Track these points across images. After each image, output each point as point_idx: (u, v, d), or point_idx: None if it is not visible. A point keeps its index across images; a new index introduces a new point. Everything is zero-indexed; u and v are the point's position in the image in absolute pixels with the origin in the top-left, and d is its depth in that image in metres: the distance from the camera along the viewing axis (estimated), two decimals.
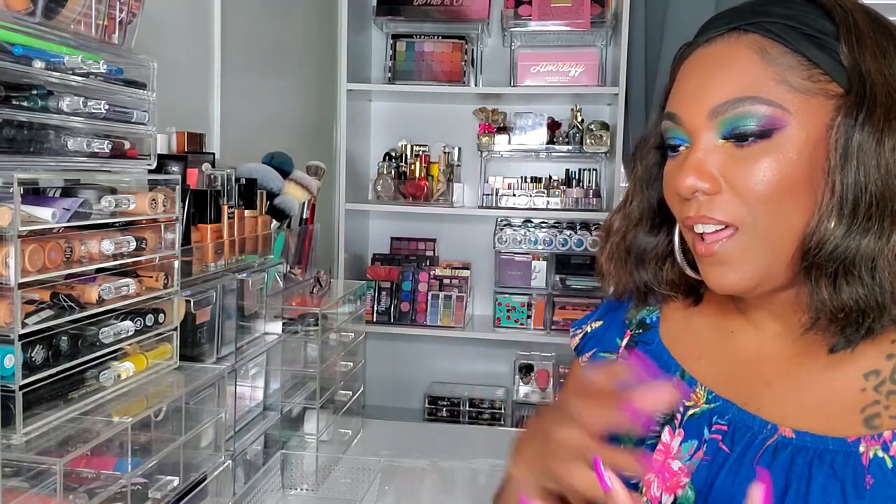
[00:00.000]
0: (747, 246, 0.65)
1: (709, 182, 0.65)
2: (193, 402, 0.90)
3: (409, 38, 2.71)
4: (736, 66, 0.65)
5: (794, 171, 0.63)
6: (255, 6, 1.92)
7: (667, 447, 0.74)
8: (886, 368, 0.65)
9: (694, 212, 0.67)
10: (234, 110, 1.73)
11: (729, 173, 0.65)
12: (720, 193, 0.65)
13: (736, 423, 0.70)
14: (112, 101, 0.79)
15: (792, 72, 0.63)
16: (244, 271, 1.17)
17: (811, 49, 0.64)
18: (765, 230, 0.64)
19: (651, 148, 0.77)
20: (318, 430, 1.38)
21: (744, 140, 0.64)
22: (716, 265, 0.67)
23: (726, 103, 0.64)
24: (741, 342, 0.74)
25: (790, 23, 0.65)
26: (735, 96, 0.64)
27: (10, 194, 0.64)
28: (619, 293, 0.83)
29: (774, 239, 0.65)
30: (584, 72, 2.64)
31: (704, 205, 0.66)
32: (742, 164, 0.64)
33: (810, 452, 0.64)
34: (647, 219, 0.78)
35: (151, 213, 0.82)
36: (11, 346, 0.66)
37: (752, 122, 0.63)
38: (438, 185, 2.73)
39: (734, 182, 0.64)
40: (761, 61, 0.64)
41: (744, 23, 0.66)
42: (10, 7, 0.68)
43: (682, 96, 0.68)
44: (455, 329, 2.69)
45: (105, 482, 0.74)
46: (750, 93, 0.64)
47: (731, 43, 0.66)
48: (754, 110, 0.63)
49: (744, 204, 0.64)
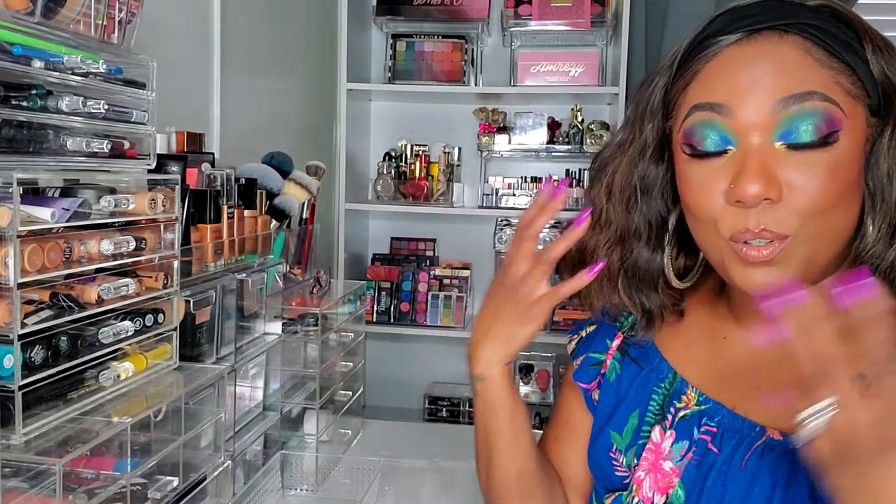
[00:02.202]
0: (793, 251, 0.63)
1: (776, 189, 0.61)
2: (193, 403, 0.90)
3: (409, 37, 2.71)
4: (791, 63, 0.62)
5: (847, 177, 0.62)
6: (255, 6, 1.92)
7: (657, 447, 0.74)
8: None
9: (754, 224, 0.62)
10: (234, 110, 1.73)
11: (790, 178, 0.61)
12: (780, 202, 0.62)
13: (725, 424, 0.70)
14: (111, 101, 0.79)
15: (841, 76, 0.62)
16: (244, 271, 1.17)
17: (851, 55, 0.63)
18: (811, 236, 0.63)
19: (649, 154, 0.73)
20: (317, 431, 1.38)
21: (804, 142, 0.61)
22: (759, 267, 0.63)
23: (794, 96, 0.61)
24: (732, 347, 0.75)
25: (827, 27, 0.63)
26: (805, 89, 0.61)
27: (10, 194, 0.64)
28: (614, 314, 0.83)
29: (819, 244, 0.64)
30: (584, 72, 2.64)
31: (764, 216, 0.62)
32: (802, 169, 0.61)
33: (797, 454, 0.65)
34: (645, 234, 0.75)
35: (151, 213, 0.82)
36: (11, 346, 0.66)
37: (817, 119, 0.61)
38: (438, 185, 2.73)
39: (795, 188, 0.61)
40: (812, 61, 0.62)
41: (783, 23, 0.63)
42: (10, 7, 0.68)
43: (733, 88, 0.63)
44: (455, 329, 2.69)
45: (105, 482, 0.73)
46: (816, 87, 0.61)
47: (775, 41, 0.63)
48: (821, 107, 0.61)
49: (796, 213, 0.62)
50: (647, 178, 0.74)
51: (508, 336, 0.76)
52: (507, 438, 0.79)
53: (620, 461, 0.77)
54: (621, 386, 0.80)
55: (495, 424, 0.79)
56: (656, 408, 0.76)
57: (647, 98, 0.73)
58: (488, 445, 0.80)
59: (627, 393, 0.79)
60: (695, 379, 0.75)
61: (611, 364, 0.82)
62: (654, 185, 0.74)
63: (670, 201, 0.74)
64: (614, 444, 0.78)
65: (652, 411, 0.76)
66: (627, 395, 0.79)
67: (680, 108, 0.68)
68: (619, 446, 0.78)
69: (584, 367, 0.85)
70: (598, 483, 0.81)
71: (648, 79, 0.74)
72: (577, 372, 0.86)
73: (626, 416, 0.78)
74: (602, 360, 0.84)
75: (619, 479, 0.77)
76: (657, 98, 0.72)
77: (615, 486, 0.77)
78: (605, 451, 0.79)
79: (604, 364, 0.83)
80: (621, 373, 0.81)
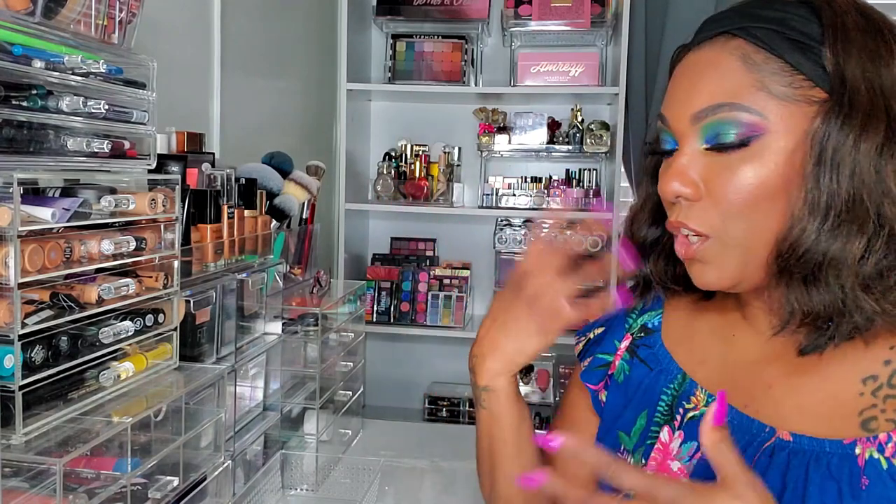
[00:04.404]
0: (719, 251, 0.67)
1: (691, 188, 0.67)
2: (193, 403, 0.90)
3: (409, 37, 2.71)
4: (718, 72, 0.66)
5: (772, 178, 0.63)
6: (255, 6, 1.92)
7: (666, 447, 0.74)
8: (884, 374, 0.65)
9: (675, 217, 0.69)
10: (234, 110, 1.73)
11: (709, 180, 0.66)
12: (700, 200, 0.67)
13: (735, 425, 0.70)
14: (112, 101, 0.79)
15: (773, 78, 0.63)
16: (244, 271, 1.17)
17: (794, 54, 0.63)
18: (736, 237, 0.66)
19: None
20: (317, 431, 1.38)
21: (724, 148, 0.65)
22: (696, 263, 0.70)
23: (706, 109, 0.65)
24: (742, 346, 0.75)
25: (777, 27, 0.64)
26: (715, 102, 0.65)
27: (10, 194, 0.64)
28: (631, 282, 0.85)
29: (746, 244, 0.66)
30: (584, 72, 2.64)
31: (684, 211, 0.68)
32: (722, 172, 0.65)
33: (807, 455, 0.65)
34: (648, 210, 0.79)
35: (151, 213, 0.82)
36: (11, 347, 0.66)
37: (730, 128, 0.64)
38: (438, 185, 2.73)
39: (713, 190, 0.66)
40: (743, 67, 0.64)
41: (731, 27, 0.66)
42: (10, 7, 0.68)
43: (670, 100, 0.70)
44: (455, 329, 2.69)
45: (105, 482, 0.73)
46: (729, 99, 0.64)
47: (718, 48, 0.67)
48: (732, 117, 0.64)
49: (718, 213, 0.65)
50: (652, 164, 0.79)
51: (517, 349, 0.77)
52: (512, 448, 0.79)
53: (628, 461, 0.77)
54: (630, 387, 0.80)
55: (501, 435, 0.79)
56: (665, 408, 0.76)
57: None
58: (492, 455, 0.80)
59: (636, 394, 0.79)
60: (704, 380, 0.75)
61: (619, 365, 0.82)
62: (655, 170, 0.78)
63: None
64: (622, 444, 0.78)
65: (661, 412, 0.76)
66: (636, 395, 0.79)
67: None
68: (627, 447, 0.78)
69: (591, 367, 0.85)
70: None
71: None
72: (585, 372, 0.86)
73: (634, 416, 0.78)
74: (610, 360, 0.84)
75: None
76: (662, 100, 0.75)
77: None
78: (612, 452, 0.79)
79: (612, 365, 0.83)
80: (630, 374, 0.81)
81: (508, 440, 0.79)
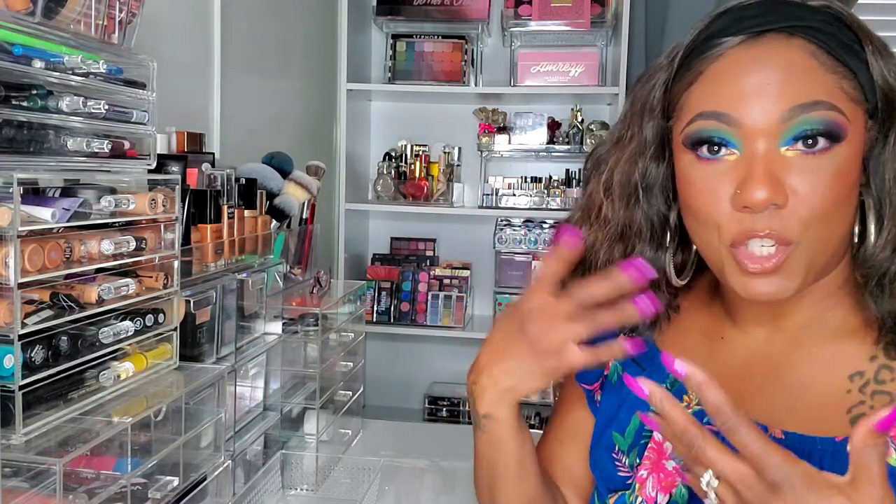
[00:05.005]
0: (797, 259, 0.62)
1: (783, 195, 0.61)
2: (193, 403, 0.90)
3: (409, 38, 2.71)
4: (801, 69, 0.62)
5: (847, 183, 0.62)
6: (255, 6, 1.92)
7: (660, 447, 0.74)
8: (870, 370, 0.66)
9: (762, 228, 0.61)
10: (234, 110, 1.73)
11: (795, 184, 0.61)
12: (786, 208, 0.61)
13: None
14: (112, 101, 0.79)
15: (844, 81, 0.62)
16: (244, 271, 1.17)
17: (853, 59, 0.63)
18: (814, 244, 0.62)
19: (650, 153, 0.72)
20: (318, 431, 1.38)
21: (812, 147, 0.61)
22: (763, 277, 0.63)
23: (802, 106, 0.61)
24: (731, 348, 0.75)
25: (830, 30, 0.63)
26: (811, 99, 0.61)
27: (10, 194, 0.64)
28: None
29: (819, 250, 0.63)
30: (584, 72, 2.64)
31: (770, 221, 0.61)
32: (808, 175, 0.61)
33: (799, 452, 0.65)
34: (647, 232, 0.74)
35: (151, 213, 0.82)
36: (11, 346, 0.66)
37: (825, 127, 0.61)
38: (438, 185, 2.73)
39: (800, 194, 0.61)
40: (820, 67, 0.62)
41: (788, 25, 0.63)
42: (10, 7, 0.68)
43: (738, 96, 0.62)
44: (455, 329, 2.69)
45: (105, 482, 0.73)
46: (824, 97, 0.61)
47: (782, 44, 0.63)
48: (828, 116, 0.61)
49: (800, 218, 0.61)
50: (649, 177, 0.73)
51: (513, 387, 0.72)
52: (514, 472, 0.77)
53: (623, 461, 0.77)
54: (623, 387, 0.80)
55: (503, 460, 0.77)
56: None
57: (646, 95, 0.72)
58: (493, 480, 0.79)
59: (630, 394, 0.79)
60: None
61: (613, 365, 0.82)
62: (654, 183, 0.73)
63: (671, 199, 0.73)
64: (616, 444, 0.78)
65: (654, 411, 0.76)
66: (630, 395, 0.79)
67: (683, 110, 0.67)
68: (622, 447, 0.78)
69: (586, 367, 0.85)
70: (600, 483, 0.81)
71: (646, 74, 0.73)
72: (580, 372, 0.86)
73: (628, 416, 0.78)
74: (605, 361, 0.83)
75: (622, 478, 0.77)
76: (657, 95, 0.71)
77: (618, 485, 0.77)
78: (607, 452, 0.79)
79: (606, 365, 0.83)
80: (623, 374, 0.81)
81: (511, 464, 0.76)
